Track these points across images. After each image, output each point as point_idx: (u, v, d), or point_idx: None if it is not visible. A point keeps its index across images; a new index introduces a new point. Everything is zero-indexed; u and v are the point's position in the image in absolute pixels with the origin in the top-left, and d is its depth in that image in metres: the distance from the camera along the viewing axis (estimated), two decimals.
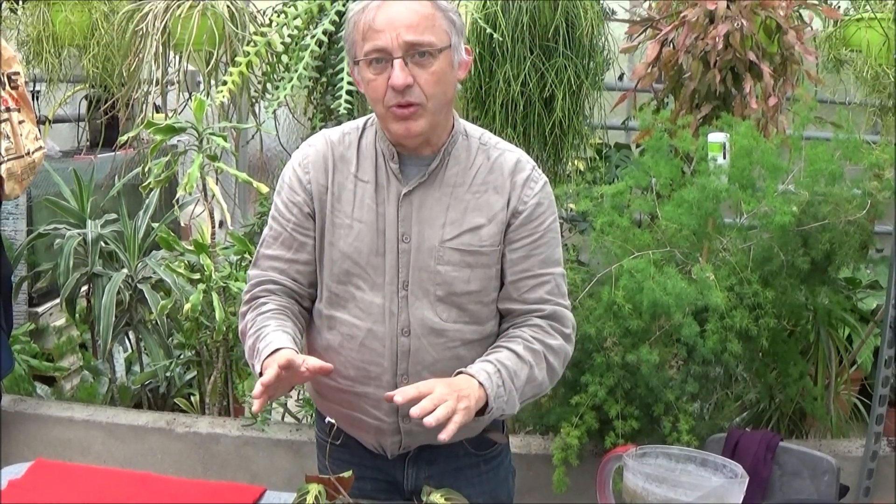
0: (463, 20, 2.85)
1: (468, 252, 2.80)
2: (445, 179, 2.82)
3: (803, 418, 5.12)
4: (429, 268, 2.79)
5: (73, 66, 6.17)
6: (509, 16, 5.05)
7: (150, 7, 5.34)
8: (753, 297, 4.27)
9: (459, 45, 2.76)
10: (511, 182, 2.84)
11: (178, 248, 4.95)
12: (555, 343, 2.87)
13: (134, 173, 5.45)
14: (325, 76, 5.10)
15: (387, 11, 2.63)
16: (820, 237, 4.41)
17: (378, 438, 2.96)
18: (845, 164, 4.57)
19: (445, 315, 2.82)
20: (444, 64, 2.69)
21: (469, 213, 2.81)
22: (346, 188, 2.84)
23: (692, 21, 5.04)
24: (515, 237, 2.85)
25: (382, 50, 2.63)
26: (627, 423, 4.31)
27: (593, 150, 5.89)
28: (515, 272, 2.86)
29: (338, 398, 2.94)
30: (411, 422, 2.80)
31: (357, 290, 2.83)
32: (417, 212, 2.79)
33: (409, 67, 2.63)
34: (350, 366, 2.86)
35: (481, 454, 3.07)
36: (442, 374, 2.77)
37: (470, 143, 2.88)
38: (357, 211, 2.81)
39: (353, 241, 2.81)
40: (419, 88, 2.65)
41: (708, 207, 4.37)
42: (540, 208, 2.87)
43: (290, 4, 5.19)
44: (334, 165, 2.86)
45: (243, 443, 4.85)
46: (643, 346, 4.21)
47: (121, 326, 5.25)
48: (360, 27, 2.67)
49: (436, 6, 2.68)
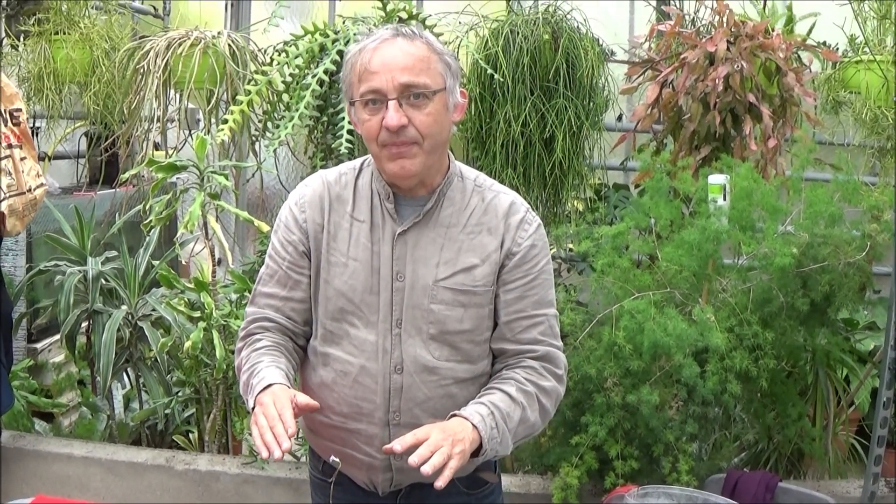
0: (459, 63, 2.91)
1: (461, 291, 2.82)
2: (440, 220, 2.85)
3: (801, 459, 5.12)
4: (422, 306, 2.81)
5: (74, 102, 6.17)
6: (510, 56, 5.07)
7: (152, 45, 5.36)
8: (753, 338, 4.29)
9: (455, 88, 2.81)
10: (505, 224, 2.87)
11: (179, 285, 4.96)
12: (547, 385, 2.88)
13: (134, 211, 5.45)
14: (325, 115, 5.12)
15: (382, 54, 2.69)
16: (819, 279, 4.43)
17: (370, 475, 2.96)
18: (844, 205, 4.59)
19: (438, 353, 2.84)
20: (438, 105, 2.73)
21: (463, 254, 2.83)
22: (342, 227, 2.87)
23: (692, 63, 5.07)
24: (509, 278, 2.87)
25: (377, 91, 2.68)
26: (627, 463, 4.32)
27: (592, 190, 5.90)
28: (509, 313, 2.88)
29: (330, 434, 2.95)
30: (402, 459, 2.80)
31: (351, 328, 2.86)
32: (412, 251, 2.82)
33: (404, 108, 2.68)
34: (343, 402, 2.87)
35: (473, 493, 3.06)
36: (434, 411, 2.82)
37: (465, 185, 2.91)
38: (353, 250, 2.85)
39: (348, 279, 2.84)
40: (414, 128, 2.69)
41: (708, 249, 4.39)
42: (534, 250, 2.89)
43: (291, 43, 5.22)
44: (330, 205, 2.90)
45: (242, 481, 4.84)
46: (643, 387, 4.22)
47: (121, 363, 5.24)
48: (356, 69, 2.73)
49: (431, 49, 2.74)
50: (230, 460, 4.97)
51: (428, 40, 2.76)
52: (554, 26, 5.15)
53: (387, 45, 2.71)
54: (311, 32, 5.18)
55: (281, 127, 4.99)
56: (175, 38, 5.35)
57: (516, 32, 5.12)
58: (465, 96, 2.88)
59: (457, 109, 2.84)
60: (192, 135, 5.47)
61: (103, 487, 4.96)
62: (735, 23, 5.19)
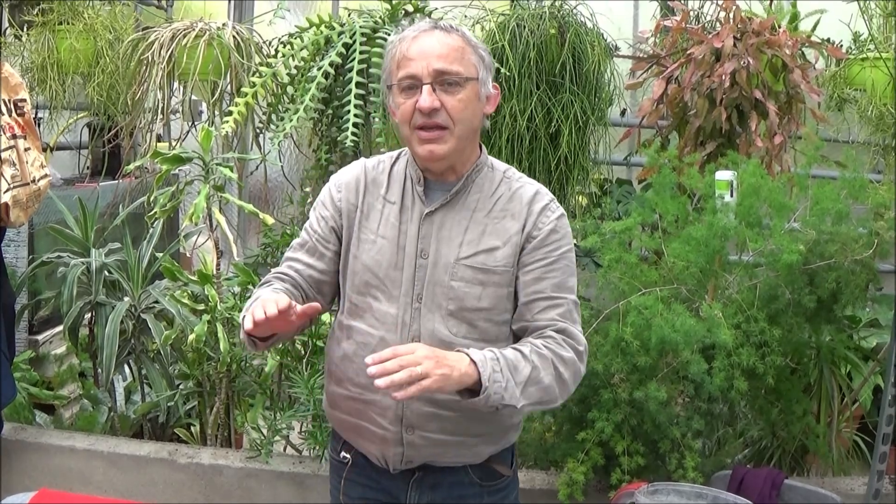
0: (492, 58, 3.02)
1: (481, 270, 2.91)
2: (467, 203, 2.97)
3: (804, 455, 5.11)
4: (443, 283, 2.91)
5: (77, 93, 6.16)
6: (516, 51, 5.06)
7: (156, 36, 5.35)
8: (760, 334, 4.28)
9: (487, 80, 2.94)
10: (528, 209, 2.96)
11: (182, 278, 4.94)
12: (566, 355, 2.88)
13: (138, 203, 5.43)
14: (330, 108, 5.11)
15: (420, 43, 2.84)
16: (826, 276, 4.42)
17: (382, 449, 2.99)
18: (851, 202, 4.58)
19: (456, 329, 2.90)
20: (470, 93, 2.87)
21: (486, 236, 2.93)
22: (374, 208, 3.02)
23: (698, 59, 5.07)
24: (529, 260, 2.94)
25: (413, 76, 2.82)
26: (633, 459, 4.31)
27: (596, 185, 5.90)
28: (528, 293, 2.94)
29: (347, 407, 3.04)
30: (413, 433, 2.92)
31: (374, 301, 2.96)
32: (437, 231, 2.94)
33: (437, 93, 2.81)
34: (361, 373, 2.84)
35: (486, 485, 3.08)
36: None
37: (494, 176, 3.03)
38: (382, 228, 2.98)
39: (375, 255, 2.96)
40: (446, 112, 2.83)
41: (715, 245, 4.39)
42: (555, 235, 2.96)
43: (296, 36, 5.20)
44: (366, 187, 3.05)
45: (246, 475, 4.83)
46: (651, 383, 4.21)
47: (123, 356, 5.23)
48: (395, 56, 2.88)
49: (466, 41, 2.89)
50: (233, 454, 4.96)
51: (464, 34, 2.90)
52: (560, 21, 5.14)
53: (425, 35, 2.86)
54: (317, 25, 5.17)
55: (285, 119, 4.97)
56: (180, 29, 5.34)
57: (522, 27, 5.12)
58: (497, 89, 3.01)
59: (489, 101, 2.98)
60: (195, 126, 5.45)
61: (105, 481, 4.95)
62: (741, 19, 5.19)
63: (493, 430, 3.02)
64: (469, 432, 2.97)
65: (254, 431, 4.98)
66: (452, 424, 2.93)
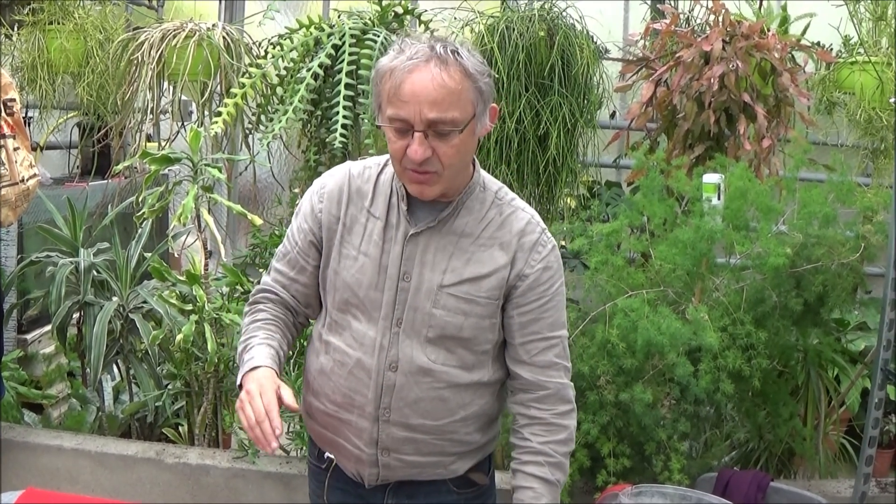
0: (493, 82, 2.79)
1: (465, 300, 2.82)
2: (454, 228, 2.84)
3: (791, 458, 5.12)
4: (424, 309, 2.82)
5: (67, 93, 6.16)
6: (505, 53, 5.07)
7: (146, 36, 5.35)
8: (746, 337, 4.29)
9: (484, 113, 2.73)
10: (518, 243, 2.86)
11: (171, 278, 4.94)
12: (564, 436, 2.94)
13: (127, 202, 5.42)
14: (319, 109, 5.11)
15: (413, 82, 2.60)
16: (813, 279, 4.44)
17: (357, 467, 2.97)
18: (839, 206, 4.59)
19: (434, 356, 2.84)
20: (465, 136, 2.68)
21: (471, 264, 2.83)
22: (358, 221, 2.89)
23: (687, 62, 5.07)
24: (523, 301, 2.87)
25: (405, 121, 2.62)
26: (619, 461, 4.32)
27: (585, 187, 5.90)
28: (525, 335, 2.89)
29: (324, 421, 3.00)
30: (389, 455, 2.89)
31: (354, 320, 2.89)
32: (421, 254, 2.83)
33: (430, 139, 2.63)
34: (337, 391, 2.90)
35: (463, 493, 3.07)
36: (424, 412, 2.85)
37: (485, 197, 2.89)
38: (364, 245, 2.86)
39: (355, 273, 2.86)
40: (437, 159, 2.66)
41: (702, 248, 4.40)
42: (547, 272, 2.89)
43: (286, 37, 5.20)
44: (349, 198, 2.91)
45: (233, 475, 4.83)
46: (636, 385, 4.22)
47: (111, 355, 5.23)
48: (386, 87, 2.66)
49: (465, 75, 2.64)
50: (220, 454, 4.96)
51: (463, 65, 2.64)
52: (549, 23, 5.14)
53: (419, 72, 2.60)
54: (307, 26, 5.17)
55: (275, 120, 4.97)
56: (170, 29, 5.35)
57: (512, 29, 5.12)
58: (495, 112, 2.83)
59: (484, 129, 2.78)
60: (184, 127, 5.46)
61: (93, 480, 4.95)
62: (731, 22, 5.20)
63: (470, 449, 3.01)
64: (445, 452, 2.95)
65: (241, 432, 4.98)
66: (428, 447, 2.92)
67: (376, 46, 4.88)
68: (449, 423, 2.90)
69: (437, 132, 2.62)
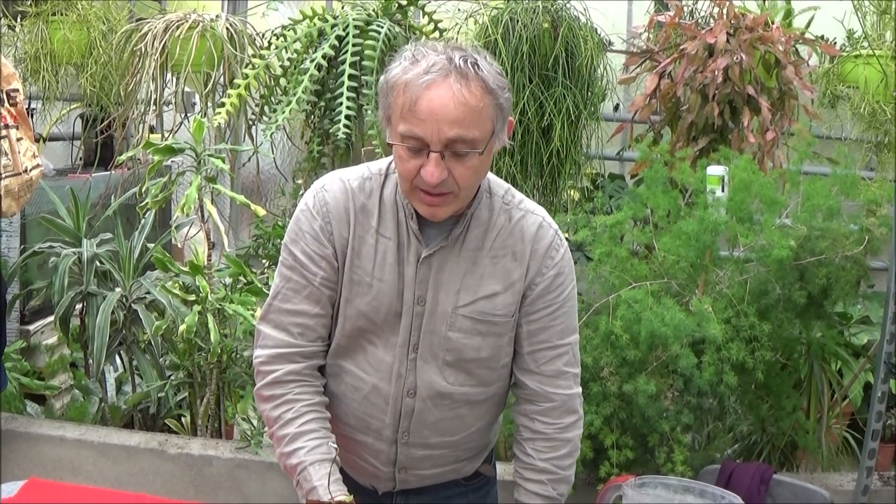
0: (511, 96, 2.65)
1: (481, 321, 2.72)
2: (466, 243, 2.70)
3: (794, 451, 5.12)
4: (440, 333, 2.72)
5: (70, 84, 6.15)
6: (509, 44, 5.06)
7: (150, 27, 5.35)
8: (750, 329, 4.29)
9: (502, 130, 2.57)
10: (532, 250, 2.74)
11: (174, 268, 4.92)
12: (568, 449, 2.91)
13: (131, 193, 5.41)
14: (323, 100, 5.10)
15: (431, 99, 2.42)
16: (817, 272, 4.43)
17: (371, 481, 2.96)
18: (843, 199, 4.59)
19: (453, 379, 2.77)
20: (483, 156, 2.53)
21: (486, 280, 2.71)
22: (366, 242, 2.70)
23: (691, 54, 5.07)
24: (533, 309, 2.78)
25: (420, 140, 2.45)
26: (622, 452, 4.32)
27: (588, 179, 5.89)
28: (533, 343, 2.81)
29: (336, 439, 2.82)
30: (407, 472, 2.87)
31: (369, 345, 2.77)
32: (435, 275, 2.69)
33: (446, 160, 2.46)
34: (350, 415, 2.84)
35: (469, 483, 3.06)
36: (442, 431, 2.82)
37: (493, 203, 2.74)
38: (378, 270, 2.69)
39: (372, 301, 2.71)
40: (453, 180, 2.50)
41: (706, 240, 4.39)
42: (559, 278, 2.78)
43: (289, 28, 5.21)
44: (355, 217, 2.70)
45: (236, 465, 4.83)
46: (640, 377, 4.22)
47: (114, 346, 5.22)
48: (399, 100, 2.48)
49: (486, 91, 2.46)
50: (223, 445, 4.96)
51: (484, 79, 2.46)
52: (553, 15, 5.13)
53: (438, 88, 2.42)
54: (310, 17, 5.17)
55: (278, 111, 4.97)
56: (173, 20, 5.34)
57: (516, 20, 5.11)
58: (511, 126, 2.65)
59: (500, 144, 2.62)
60: (188, 118, 5.45)
61: (95, 470, 4.95)
62: (735, 15, 5.19)
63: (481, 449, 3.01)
64: (459, 459, 2.95)
65: (244, 422, 4.98)
66: (445, 459, 2.90)
67: (380, 37, 4.88)
68: (466, 436, 2.88)
69: (454, 152, 2.45)
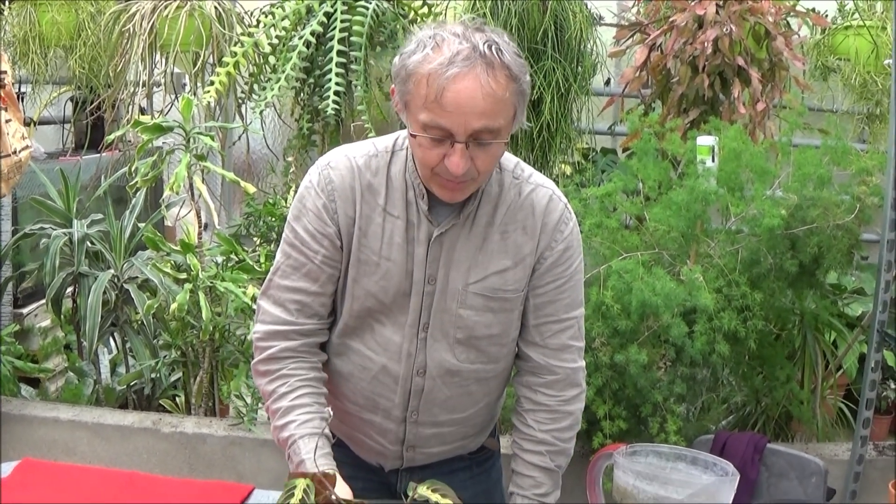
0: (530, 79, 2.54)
1: (492, 297, 2.71)
2: (477, 220, 2.67)
3: (788, 422, 5.11)
4: (451, 311, 2.70)
5: (60, 66, 6.15)
6: (498, 17, 5.05)
7: (137, 8, 5.34)
8: (741, 299, 4.28)
9: (523, 112, 2.53)
10: (542, 223, 2.70)
11: (165, 248, 4.92)
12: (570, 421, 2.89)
13: (121, 173, 5.40)
14: (312, 77, 5.08)
15: (458, 92, 2.36)
16: (808, 241, 4.42)
17: (378, 459, 2.96)
18: (833, 169, 4.58)
19: (463, 356, 2.77)
20: (504, 142, 2.52)
21: (496, 256, 2.69)
22: (373, 221, 2.67)
23: (681, 26, 5.06)
24: (541, 283, 2.76)
25: (446, 130, 2.41)
26: (615, 423, 4.31)
27: (580, 154, 5.89)
28: (539, 316, 2.80)
29: (340, 416, 2.88)
30: (415, 451, 2.87)
31: (377, 324, 2.75)
32: (447, 253, 2.67)
33: (470, 149, 2.43)
34: (359, 394, 2.82)
35: (473, 457, 3.08)
36: (452, 408, 2.83)
37: (503, 178, 2.70)
38: (386, 249, 2.66)
39: (380, 281, 2.68)
40: (475, 168, 2.47)
41: (696, 209, 4.38)
42: (568, 252, 2.75)
43: (277, 5, 5.19)
44: (361, 196, 2.66)
45: (230, 443, 4.84)
46: (632, 347, 4.21)
47: (106, 327, 5.21)
48: (422, 90, 2.42)
49: (511, 79, 2.41)
50: (217, 423, 4.96)
51: (508, 65, 2.40)
52: None
53: (464, 80, 2.36)
54: None
55: (267, 89, 4.96)
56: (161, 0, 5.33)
57: None
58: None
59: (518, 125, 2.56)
60: (177, 98, 5.45)
61: (90, 451, 4.95)
62: None
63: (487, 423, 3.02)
64: (467, 436, 2.96)
65: (238, 400, 4.98)
66: (453, 436, 2.91)
67: (368, 13, 4.86)
68: (474, 412, 2.89)
69: (478, 142, 2.42)
